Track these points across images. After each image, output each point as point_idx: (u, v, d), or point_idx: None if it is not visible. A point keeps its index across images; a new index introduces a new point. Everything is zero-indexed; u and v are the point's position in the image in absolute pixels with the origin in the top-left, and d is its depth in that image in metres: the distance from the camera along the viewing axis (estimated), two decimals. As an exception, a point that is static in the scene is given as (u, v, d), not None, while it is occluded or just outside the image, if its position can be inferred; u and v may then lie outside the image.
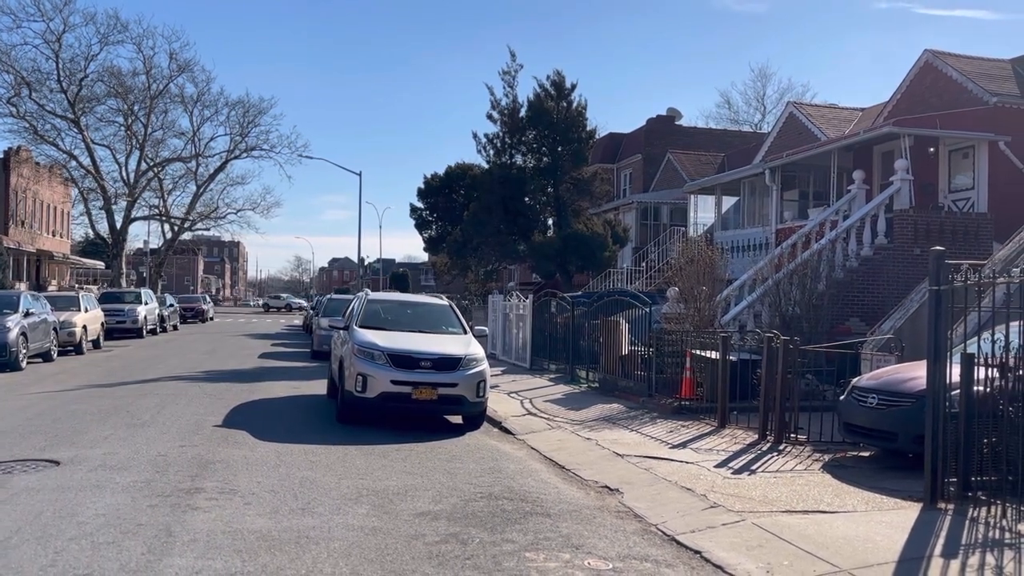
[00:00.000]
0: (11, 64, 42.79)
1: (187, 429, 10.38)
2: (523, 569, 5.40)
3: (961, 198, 18.95)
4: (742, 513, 6.76)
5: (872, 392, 8.83)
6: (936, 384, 7.04)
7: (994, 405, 6.89)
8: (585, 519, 6.74)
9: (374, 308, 13.15)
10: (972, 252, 15.80)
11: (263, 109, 50.75)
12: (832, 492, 7.52)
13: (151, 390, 14.32)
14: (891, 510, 6.90)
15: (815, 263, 16.07)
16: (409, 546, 5.80)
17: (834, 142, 20.59)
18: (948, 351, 7.10)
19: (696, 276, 15.44)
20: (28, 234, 45.67)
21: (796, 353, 10.43)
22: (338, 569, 5.27)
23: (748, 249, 22.41)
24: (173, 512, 6.46)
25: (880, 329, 13.05)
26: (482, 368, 11.36)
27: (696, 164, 34.07)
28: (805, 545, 5.94)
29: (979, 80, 19.50)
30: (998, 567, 5.43)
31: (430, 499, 7.20)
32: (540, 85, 26.88)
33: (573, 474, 8.53)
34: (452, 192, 34.72)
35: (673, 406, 12.24)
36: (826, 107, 28.48)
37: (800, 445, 9.65)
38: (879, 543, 5.97)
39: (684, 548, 6.01)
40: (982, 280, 6.87)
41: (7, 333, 17.63)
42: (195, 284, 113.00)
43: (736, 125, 54.61)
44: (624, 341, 14.83)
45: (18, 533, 5.80)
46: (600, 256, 26.26)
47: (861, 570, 5.44)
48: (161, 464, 8.23)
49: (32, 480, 7.46)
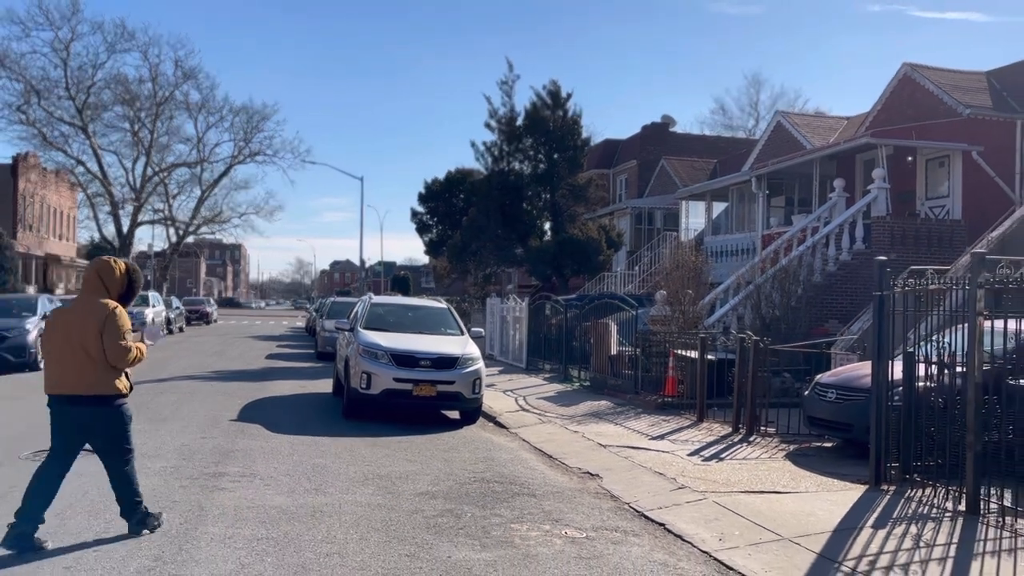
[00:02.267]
0: (21, 72, 43.95)
1: (205, 423, 11.25)
2: (508, 537, 6.28)
3: (937, 205, 19.82)
4: (705, 493, 7.63)
5: (832, 387, 9.71)
6: (879, 380, 7.91)
7: (933, 399, 7.75)
8: (566, 499, 7.61)
9: (377, 311, 14.05)
10: (946, 257, 16.69)
11: (266, 115, 51.95)
12: (789, 476, 8.39)
13: (167, 389, 15.20)
14: (838, 491, 7.77)
15: (795, 268, 16.96)
16: (410, 519, 6.68)
17: (817, 151, 21.48)
18: (891, 350, 7.96)
19: (682, 280, 16.34)
20: (36, 238, 46.60)
21: (767, 353, 11.32)
22: (349, 536, 6.15)
23: (736, 253, 23.29)
24: (202, 491, 7.34)
25: (849, 330, 13.91)
26: (478, 367, 12.24)
27: (689, 170, 34.94)
28: (756, 519, 6.80)
29: (954, 92, 20.40)
30: (918, 535, 6.30)
31: (429, 482, 8.08)
32: (537, 94, 27.71)
33: (559, 462, 9.40)
34: (452, 196, 35.53)
35: (657, 402, 13.10)
36: (812, 116, 29.38)
37: (769, 437, 10.52)
38: (821, 517, 6.84)
39: (651, 521, 6.88)
40: (917, 287, 7.73)
41: (27, 335, 18.52)
42: (198, 287, 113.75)
43: (731, 131, 55.56)
44: (613, 342, 15.71)
45: (71, 508, 6.68)
46: (595, 260, 27.08)
47: (800, 538, 6.31)
48: (186, 452, 9.11)
49: (74, 466, 8.30)
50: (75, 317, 5.75)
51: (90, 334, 5.65)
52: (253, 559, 5.55)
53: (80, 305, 5.83)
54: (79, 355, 5.66)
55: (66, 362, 5.69)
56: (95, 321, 5.66)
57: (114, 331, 5.67)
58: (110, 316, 5.69)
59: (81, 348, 5.65)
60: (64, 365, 5.70)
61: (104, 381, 5.72)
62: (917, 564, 5.70)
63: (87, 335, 5.65)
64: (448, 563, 5.61)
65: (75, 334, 5.68)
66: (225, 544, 5.85)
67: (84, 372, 5.66)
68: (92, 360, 5.67)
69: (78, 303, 5.88)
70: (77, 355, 5.66)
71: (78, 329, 5.68)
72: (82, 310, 5.77)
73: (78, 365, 5.67)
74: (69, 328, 5.72)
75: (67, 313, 5.88)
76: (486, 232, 27.90)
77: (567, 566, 5.65)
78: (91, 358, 5.66)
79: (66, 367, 5.69)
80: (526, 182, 27.78)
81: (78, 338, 5.66)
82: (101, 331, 5.64)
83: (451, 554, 5.81)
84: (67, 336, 5.71)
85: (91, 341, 5.65)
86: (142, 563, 5.41)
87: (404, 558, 5.69)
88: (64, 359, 5.70)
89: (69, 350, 5.67)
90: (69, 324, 5.74)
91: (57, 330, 5.79)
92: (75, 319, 5.74)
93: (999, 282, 6.85)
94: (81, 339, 5.65)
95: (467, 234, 28.91)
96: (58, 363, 5.73)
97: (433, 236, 36.09)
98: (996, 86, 21.44)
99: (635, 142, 39.57)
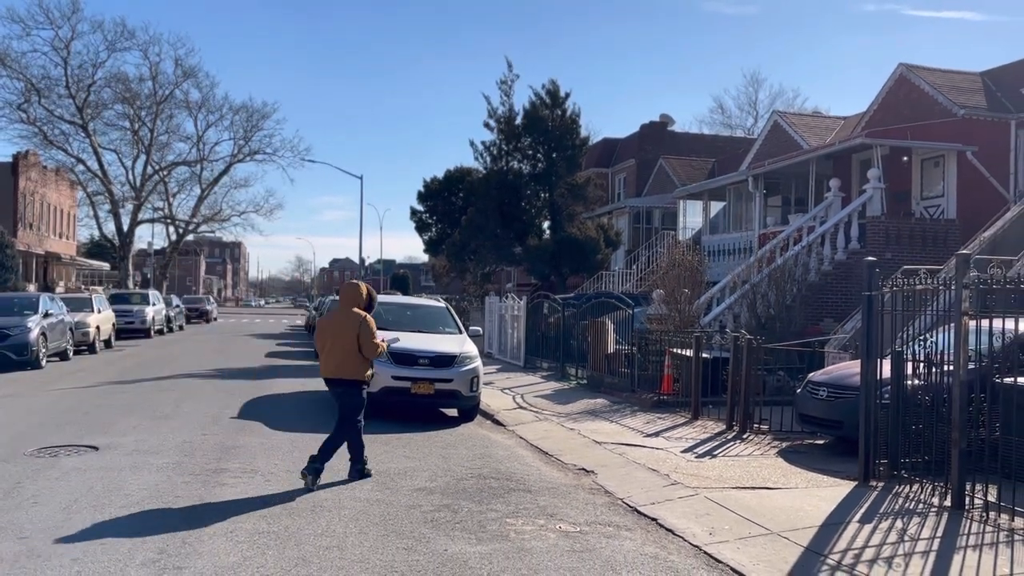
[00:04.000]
0: (21, 71, 44.08)
1: (206, 420, 11.40)
2: (504, 531, 6.43)
3: (932, 205, 19.98)
4: (697, 489, 7.79)
5: (823, 386, 9.87)
6: (868, 378, 8.06)
7: (920, 397, 7.91)
8: (561, 494, 7.77)
9: (377, 310, 14.13)
10: (941, 257, 16.84)
11: (266, 114, 52.10)
12: (780, 473, 8.55)
13: (168, 387, 15.35)
14: (828, 487, 7.93)
15: (791, 267, 17.12)
16: (408, 513, 6.84)
17: (813, 151, 21.63)
18: (880, 349, 8.12)
19: (678, 279, 16.50)
20: (36, 236, 46.74)
21: (760, 351, 11.47)
22: (348, 529, 6.31)
23: (733, 253, 23.45)
24: (205, 487, 7.50)
25: (843, 329, 14.07)
26: (475, 365, 12.39)
27: (688, 169, 35.09)
28: (746, 514, 6.96)
29: (949, 93, 20.55)
30: (903, 529, 6.45)
31: (426, 478, 8.23)
32: (536, 94, 27.87)
33: (555, 459, 9.56)
34: (451, 195, 35.66)
35: (653, 400, 13.25)
36: (809, 116, 29.51)
37: (762, 434, 10.68)
38: (809, 512, 6.99)
39: (643, 516, 7.04)
40: (906, 287, 7.88)
41: (28, 333, 18.62)
42: (197, 285, 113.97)
43: (729, 130, 55.70)
44: (610, 341, 15.85)
45: (76, 503, 6.84)
46: (593, 259, 27.25)
47: (789, 532, 6.47)
48: (188, 449, 9.26)
49: (78, 462, 8.49)
50: (338, 324, 7.86)
51: (350, 335, 7.72)
52: (255, 552, 5.71)
53: (341, 315, 7.92)
54: (343, 350, 7.72)
55: (336, 355, 7.76)
56: (353, 326, 7.74)
57: (367, 332, 7.76)
58: (363, 322, 7.80)
59: (344, 344, 7.72)
60: (335, 357, 7.76)
61: (359, 371, 7.80)
62: (901, 557, 5.85)
63: (348, 336, 7.72)
64: (445, 556, 5.77)
65: (340, 335, 7.76)
66: (227, 538, 6.01)
67: (346, 362, 7.74)
68: (352, 353, 7.72)
69: (340, 314, 7.94)
70: (340, 350, 7.72)
71: (341, 332, 7.77)
72: (343, 318, 7.87)
73: (343, 357, 7.73)
74: (335, 330, 7.82)
75: (332, 321, 7.99)
76: (485, 231, 28.06)
77: (560, 559, 5.81)
78: (351, 352, 7.71)
79: (335, 358, 7.75)
80: (525, 181, 27.94)
81: (341, 338, 7.73)
82: (358, 333, 7.72)
83: (448, 547, 5.97)
84: (335, 337, 7.79)
85: (350, 340, 7.71)
86: (147, 555, 5.56)
87: (402, 551, 5.84)
88: (334, 353, 7.76)
89: (338, 346, 7.75)
90: (335, 328, 7.84)
91: (327, 332, 7.88)
92: (339, 325, 7.84)
93: (984, 282, 7.00)
94: (344, 338, 7.72)
95: (466, 233, 29.07)
96: (331, 355, 7.79)
97: (432, 235, 36.21)
98: (991, 86, 21.59)
99: (633, 141, 39.71)
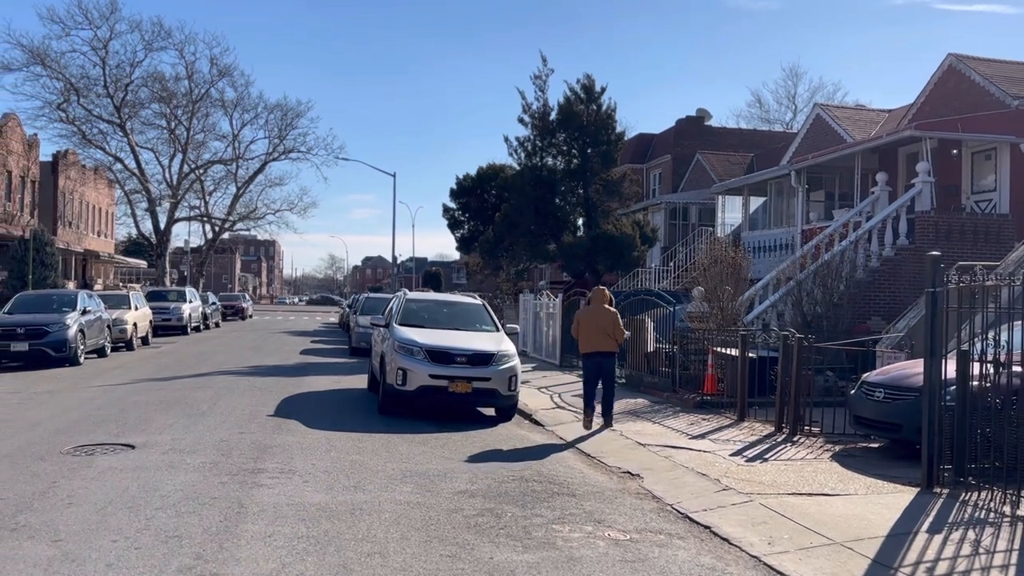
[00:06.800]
0: (61, 71, 44.53)
1: (243, 418, 11.27)
2: (551, 538, 6.15)
3: (984, 199, 19.29)
4: (751, 495, 7.43)
5: (879, 387, 9.43)
6: (932, 378, 7.64)
7: (988, 399, 7.48)
8: (607, 499, 7.46)
9: (412, 307, 13.97)
10: (993, 252, 16.23)
11: (300, 112, 52.09)
12: (837, 478, 8.15)
13: (204, 384, 15.29)
14: (889, 494, 7.52)
15: (837, 264, 16.59)
16: (450, 518, 6.58)
17: (858, 144, 21.02)
18: (944, 348, 7.69)
19: (720, 276, 16.05)
20: (75, 234, 47.36)
21: (811, 350, 11.05)
22: (389, 534, 6.06)
23: (774, 249, 22.91)
24: (242, 488, 7.31)
25: (895, 327, 13.56)
26: (514, 364, 12.11)
27: (725, 165, 34.48)
28: (805, 522, 6.60)
29: (1001, 83, 19.81)
30: (976, 541, 6.05)
31: (467, 480, 7.97)
32: (570, 88, 27.44)
33: (598, 461, 9.25)
34: (484, 192, 35.40)
35: (695, 401, 12.87)
36: (852, 108, 28.78)
37: (813, 437, 10.26)
38: (872, 521, 6.61)
39: (695, 524, 6.71)
40: (973, 284, 7.45)
41: (67, 330, 18.72)
42: (233, 282, 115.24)
43: (768, 124, 54.78)
44: (649, 339, 15.48)
45: (112, 503, 6.68)
46: (628, 256, 26.80)
47: (853, 543, 6.10)
48: (224, 448, 9.11)
49: (114, 461, 8.36)
50: (596, 316, 11.13)
51: (608, 323, 11.08)
52: (294, 558, 5.48)
53: (597, 309, 11.21)
54: (601, 332, 11.05)
55: (595, 336, 11.06)
56: (611, 316, 11.11)
57: (619, 322, 11.23)
58: (615, 315, 11.22)
59: (602, 329, 11.06)
60: (596, 337, 11.06)
61: (612, 346, 11.19)
62: (978, 572, 5.47)
63: (606, 323, 11.07)
64: (491, 564, 5.50)
65: (598, 323, 11.09)
66: (265, 543, 5.79)
67: (604, 341, 11.07)
68: (607, 335, 11.06)
69: (595, 309, 11.24)
70: (600, 332, 11.06)
71: (599, 321, 11.09)
72: (600, 311, 11.16)
73: (601, 337, 11.04)
74: (594, 319, 11.12)
75: (590, 314, 11.24)
76: (519, 228, 27.73)
77: (612, 569, 5.51)
78: (607, 334, 11.05)
79: (595, 338, 11.07)
80: (559, 177, 27.56)
81: (600, 325, 11.07)
82: (614, 321, 11.11)
83: (493, 555, 5.70)
84: (593, 324, 11.11)
85: (608, 326, 11.07)
86: (183, 561, 5.36)
87: (446, 559, 5.58)
88: (593, 334, 11.07)
89: (597, 330, 11.05)
90: (593, 317, 11.14)
91: (587, 321, 11.19)
92: (596, 317, 11.12)
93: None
94: (602, 325, 11.06)
95: (499, 230, 28.78)
96: (590, 336, 11.10)
97: (465, 232, 35.99)
98: (1046, 76, 20.78)
99: (669, 136, 39.15)
